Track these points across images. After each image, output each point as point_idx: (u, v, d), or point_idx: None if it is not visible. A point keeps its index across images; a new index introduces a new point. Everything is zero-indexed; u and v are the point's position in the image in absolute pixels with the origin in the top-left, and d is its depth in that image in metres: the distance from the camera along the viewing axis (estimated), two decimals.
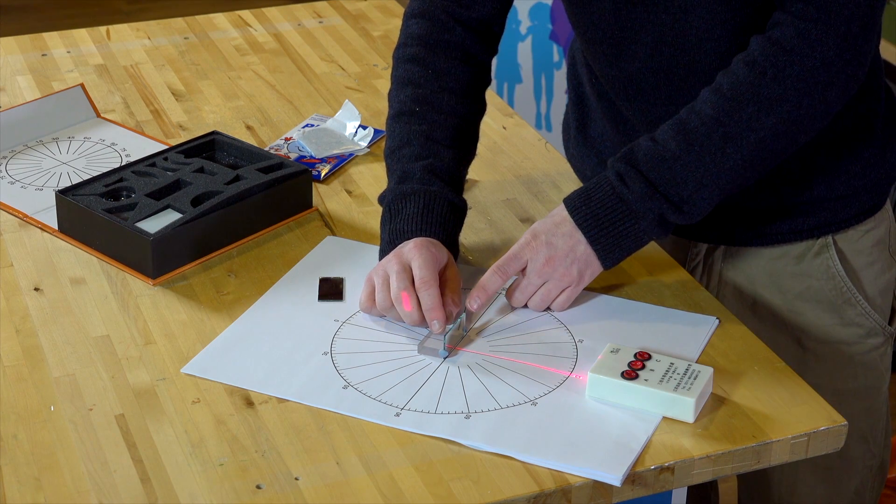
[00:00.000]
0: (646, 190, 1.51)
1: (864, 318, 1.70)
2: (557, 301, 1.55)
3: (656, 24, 1.58)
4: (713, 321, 1.55)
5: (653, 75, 1.62)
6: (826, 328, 1.70)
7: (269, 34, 2.31)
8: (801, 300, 1.70)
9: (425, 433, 1.37)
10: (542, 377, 1.45)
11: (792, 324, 1.71)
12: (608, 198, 1.53)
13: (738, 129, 1.50)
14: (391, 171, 1.63)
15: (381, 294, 1.51)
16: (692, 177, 1.51)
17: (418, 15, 1.69)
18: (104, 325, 1.54)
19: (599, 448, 1.34)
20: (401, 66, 1.68)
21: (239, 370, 1.46)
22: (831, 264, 1.69)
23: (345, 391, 1.43)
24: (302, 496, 1.29)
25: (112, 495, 1.30)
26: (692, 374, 1.41)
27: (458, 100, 1.66)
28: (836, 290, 1.69)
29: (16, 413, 1.40)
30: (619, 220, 1.52)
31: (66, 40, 2.27)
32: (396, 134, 1.64)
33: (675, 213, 1.52)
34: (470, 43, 1.68)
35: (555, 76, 3.36)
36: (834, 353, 1.71)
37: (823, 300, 1.70)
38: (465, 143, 1.66)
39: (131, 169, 1.77)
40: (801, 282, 1.70)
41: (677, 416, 1.39)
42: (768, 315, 1.72)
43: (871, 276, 1.71)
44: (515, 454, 1.34)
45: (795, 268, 1.70)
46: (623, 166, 1.53)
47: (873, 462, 1.79)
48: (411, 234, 1.55)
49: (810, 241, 1.69)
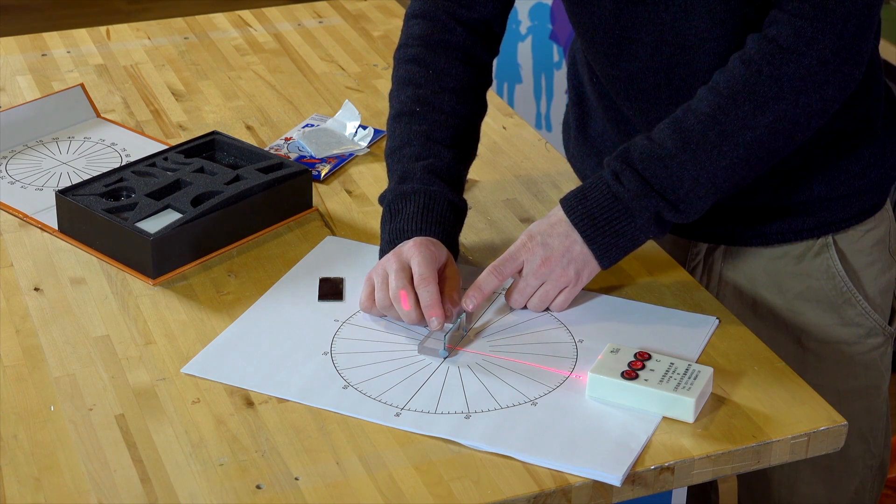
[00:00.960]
0: (641, 188, 1.51)
1: (864, 318, 1.70)
2: (556, 301, 1.55)
3: (657, 23, 1.58)
4: (713, 321, 1.55)
5: (653, 75, 1.62)
6: (826, 328, 1.70)
7: (269, 34, 2.31)
8: (801, 300, 1.70)
9: (425, 433, 1.37)
10: (541, 377, 1.45)
11: (792, 323, 1.71)
12: (603, 197, 1.53)
13: (734, 127, 1.49)
14: (391, 171, 1.63)
15: (381, 293, 1.52)
16: (688, 175, 1.50)
17: (419, 15, 1.70)
18: (104, 325, 1.54)
19: (599, 448, 1.35)
20: (401, 66, 1.69)
21: (239, 370, 1.46)
22: (831, 264, 1.69)
23: (345, 391, 1.43)
24: (302, 496, 1.29)
25: (112, 495, 1.30)
26: (692, 374, 1.41)
27: (458, 100, 1.66)
28: (837, 289, 1.69)
29: (16, 413, 1.40)
30: (614, 219, 1.52)
31: (66, 40, 2.27)
32: (397, 134, 1.64)
33: (672, 211, 1.52)
34: (471, 43, 1.68)
35: (555, 76, 3.36)
36: (834, 353, 1.71)
37: (823, 300, 1.70)
38: (465, 143, 1.66)
39: (131, 169, 1.77)
40: (801, 281, 1.70)
41: (677, 416, 1.39)
42: (768, 315, 1.72)
43: (871, 276, 1.71)
44: (515, 454, 1.34)
45: (795, 267, 1.70)
46: (618, 164, 1.53)
47: (873, 462, 1.79)
48: (411, 234, 1.55)
49: (810, 240, 1.69)
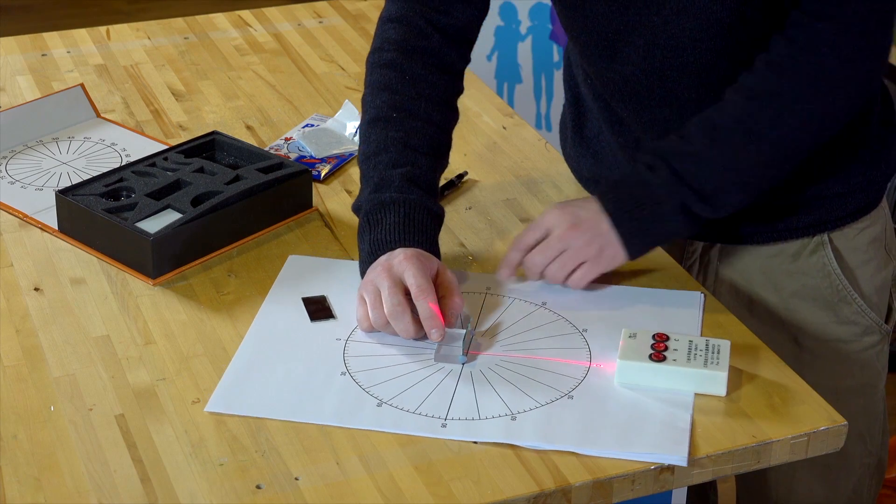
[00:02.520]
0: (671, 178, 1.53)
1: (860, 316, 1.71)
2: (574, 276, 1.55)
3: (648, 26, 1.58)
4: (699, 296, 1.58)
5: (646, 77, 1.62)
6: (822, 326, 1.71)
7: (269, 34, 2.31)
8: (797, 298, 1.71)
9: (478, 440, 1.36)
10: (565, 370, 1.46)
11: (788, 322, 1.71)
12: (635, 184, 1.55)
13: (760, 126, 1.52)
14: (366, 177, 1.61)
15: (376, 311, 1.49)
16: (715, 171, 1.53)
17: (395, 20, 1.68)
18: (104, 325, 1.54)
19: (650, 432, 1.36)
20: (376, 70, 1.67)
21: (263, 401, 1.41)
22: (827, 262, 1.69)
23: (380, 409, 1.40)
24: (302, 496, 1.30)
25: (112, 495, 1.30)
26: (713, 348, 1.44)
27: (434, 107, 1.65)
28: (832, 287, 1.70)
29: (16, 413, 1.40)
30: (642, 205, 1.53)
31: (66, 40, 2.27)
32: (372, 140, 1.62)
33: (700, 203, 1.53)
34: (446, 51, 1.67)
35: (555, 76, 3.36)
36: (830, 351, 1.72)
37: (819, 298, 1.70)
38: (440, 150, 1.65)
39: (131, 169, 1.77)
40: (797, 280, 1.70)
41: (709, 391, 1.42)
42: (765, 313, 1.72)
43: (867, 274, 1.71)
44: (574, 448, 1.34)
45: (791, 266, 1.70)
46: (651, 158, 1.55)
47: (871, 460, 1.79)
48: (394, 245, 1.53)
49: (806, 238, 1.70)
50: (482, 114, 2.03)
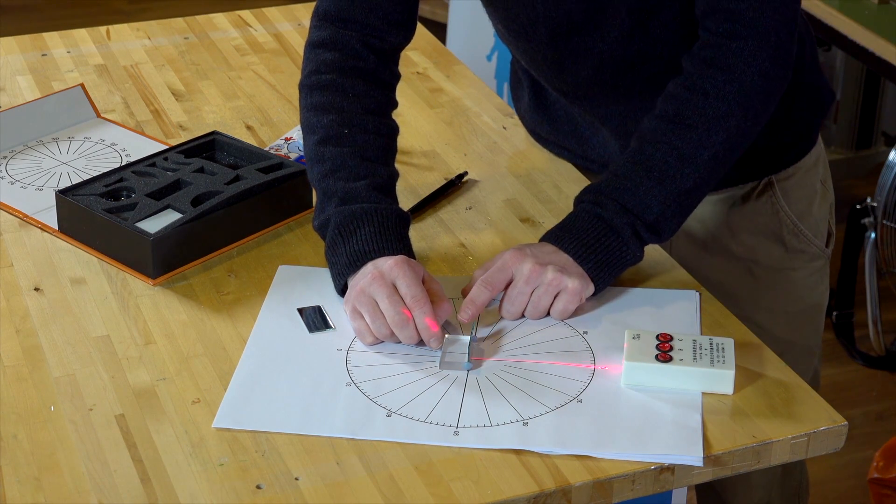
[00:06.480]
0: (620, 209, 1.57)
1: (806, 245, 1.83)
2: (555, 308, 1.55)
3: (595, 51, 1.67)
4: (695, 294, 1.59)
5: (599, 86, 1.71)
6: (774, 257, 1.83)
7: (269, 34, 2.31)
8: (749, 234, 1.82)
9: (491, 447, 1.35)
10: (570, 374, 1.46)
11: (743, 256, 1.83)
12: (588, 221, 1.57)
13: (691, 149, 1.58)
14: (328, 192, 1.60)
15: (378, 323, 1.49)
16: (656, 200, 1.57)
17: (327, 44, 1.70)
18: (104, 325, 1.54)
19: (663, 433, 1.37)
20: (315, 93, 1.68)
21: (271, 415, 1.40)
22: (776, 201, 1.80)
23: (390, 419, 1.39)
24: (302, 496, 1.30)
25: (112, 495, 1.30)
26: (717, 347, 1.44)
27: (380, 121, 1.68)
28: (781, 222, 1.81)
29: (16, 413, 1.40)
30: (602, 236, 1.56)
31: (66, 40, 2.27)
32: (327, 158, 1.62)
33: (648, 231, 1.58)
34: (382, 69, 1.71)
35: None
36: (782, 280, 1.85)
37: (770, 233, 1.82)
38: (392, 160, 1.68)
39: (131, 169, 1.77)
40: (748, 218, 1.82)
41: (716, 389, 1.42)
42: (721, 251, 1.83)
43: (810, 207, 1.83)
44: (589, 452, 1.34)
45: (743, 207, 1.82)
46: (594, 196, 1.59)
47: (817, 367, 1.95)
48: (374, 255, 1.53)
49: (754, 181, 1.80)
50: (482, 114, 2.03)
